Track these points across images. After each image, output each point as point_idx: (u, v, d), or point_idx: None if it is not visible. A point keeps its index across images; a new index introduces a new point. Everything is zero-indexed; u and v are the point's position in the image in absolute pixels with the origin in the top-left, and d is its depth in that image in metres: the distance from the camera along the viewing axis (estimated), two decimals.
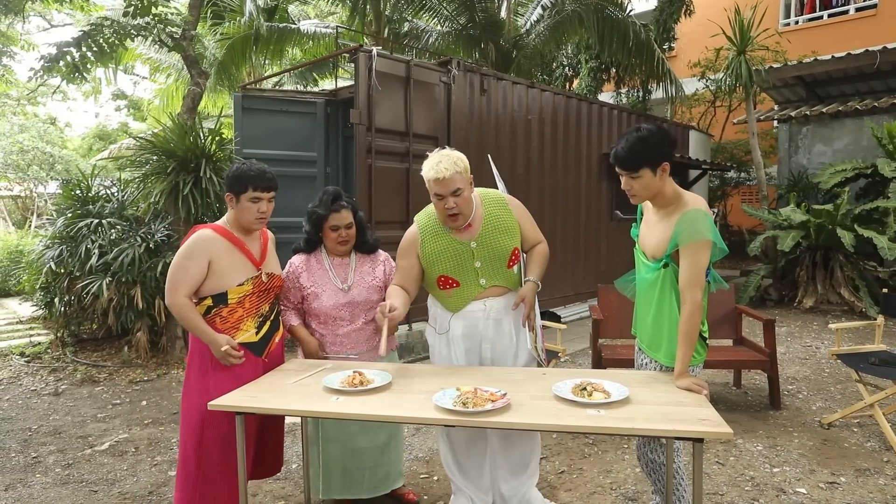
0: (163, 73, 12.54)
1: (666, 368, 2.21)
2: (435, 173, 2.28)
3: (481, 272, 2.43)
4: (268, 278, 2.39)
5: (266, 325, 2.39)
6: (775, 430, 3.69)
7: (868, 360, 3.64)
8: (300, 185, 6.98)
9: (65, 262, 5.57)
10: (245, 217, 2.31)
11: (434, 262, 2.43)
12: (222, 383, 2.22)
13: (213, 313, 2.28)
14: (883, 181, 7.65)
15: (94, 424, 4.05)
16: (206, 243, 2.26)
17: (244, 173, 2.29)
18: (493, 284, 2.45)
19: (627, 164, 2.09)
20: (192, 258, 2.24)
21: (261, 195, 2.30)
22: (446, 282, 2.44)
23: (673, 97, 10.13)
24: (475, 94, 6.34)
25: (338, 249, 2.62)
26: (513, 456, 2.56)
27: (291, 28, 10.30)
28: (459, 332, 2.46)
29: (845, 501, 2.82)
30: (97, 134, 22.55)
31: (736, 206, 11.82)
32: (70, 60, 6.64)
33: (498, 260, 2.43)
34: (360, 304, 2.62)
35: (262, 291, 2.37)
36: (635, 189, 2.13)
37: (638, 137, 2.07)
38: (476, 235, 2.41)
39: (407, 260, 2.47)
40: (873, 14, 12.00)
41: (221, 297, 2.27)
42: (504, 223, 2.45)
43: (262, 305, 2.38)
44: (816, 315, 7.17)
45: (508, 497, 2.58)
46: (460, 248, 2.41)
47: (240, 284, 2.30)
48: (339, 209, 2.56)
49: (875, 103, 8.55)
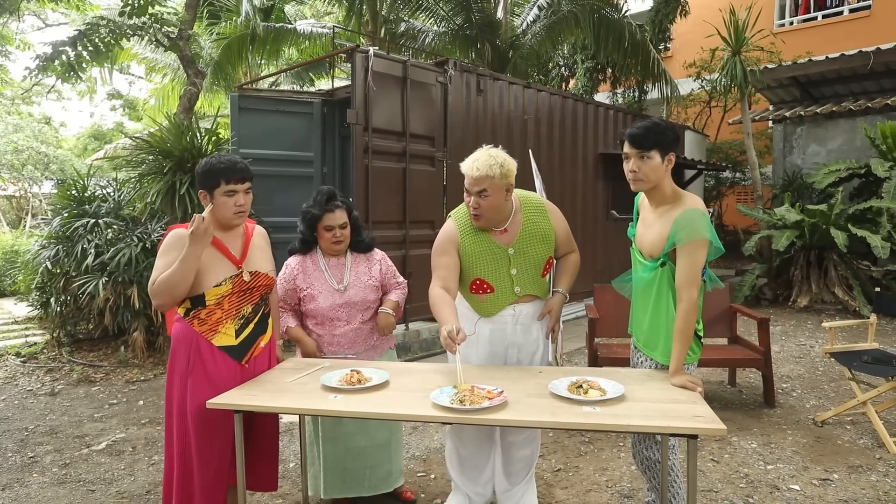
0: (159, 73, 12.52)
1: (661, 366, 2.23)
2: (468, 168, 2.24)
3: (516, 280, 2.38)
4: (251, 277, 2.23)
5: (248, 328, 2.25)
6: (769, 428, 3.72)
7: (861, 359, 3.68)
8: (297, 185, 6.99)
9: (61, 261, 5.56)
10: (223, 213, 2.15)
11: (473, 262, 2.36)
12: (197, 388, 2.13)
13: (190, 315, 2.17)
14: (876, 181, 7.70)
15: (90, 424, 4.05)
16: (182, 239, 2.09)
17: (213, 167, 2.13)
18: (526, 293, 2.41)
19: (643, 141, 2.10)
20: (168, 253, 2.11)
21: (235, 187, 2.14)
22: (481, 286, 2.38)
23: (668, 97, 10.17)
24: (472, 94, 6.36)
25: (332, 249, 2.62)
26: (515, 463, 2.58)
27: (288, 28, 10.30)
28: (486, 336, 2.42)
29: (838, 498, 2.85)
30: (92, 134, 22.48)
31: (731, 205, 11.87)
32: (66, 60, 6.64)
33: (533, 268, 2.39)
34: (356, 305, 2.62)
35: (243, 291, 2.21)
36: (643, 171, 2.12)
37: (653, 122, 2.15)
38: (514, 241, 2.36)
39: (448, 257, 2.34)
40: (867, 15, 12.08)
41: (199, 298, 2.15)
42: (542, 230, 2.40)
43: (244, 306, 2.23)
44: (811, 314, 7.22)
45: (503, 494, 2.61)
46: (498, 252, 2.35)
47: (217, 285, 2.15)
48: (334, 209, 2.55)
49: (868, 104, 8.61)
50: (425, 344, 5.83)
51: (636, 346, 2.40)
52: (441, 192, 6.15)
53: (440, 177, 6.16)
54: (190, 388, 2.14)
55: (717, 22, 9.34)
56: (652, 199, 2.22)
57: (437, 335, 5.78)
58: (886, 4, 11.73)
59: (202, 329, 2.17)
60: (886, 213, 7.12)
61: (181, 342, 2.18)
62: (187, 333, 2.17)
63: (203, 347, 2.17)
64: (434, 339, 5.87)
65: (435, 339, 5.88)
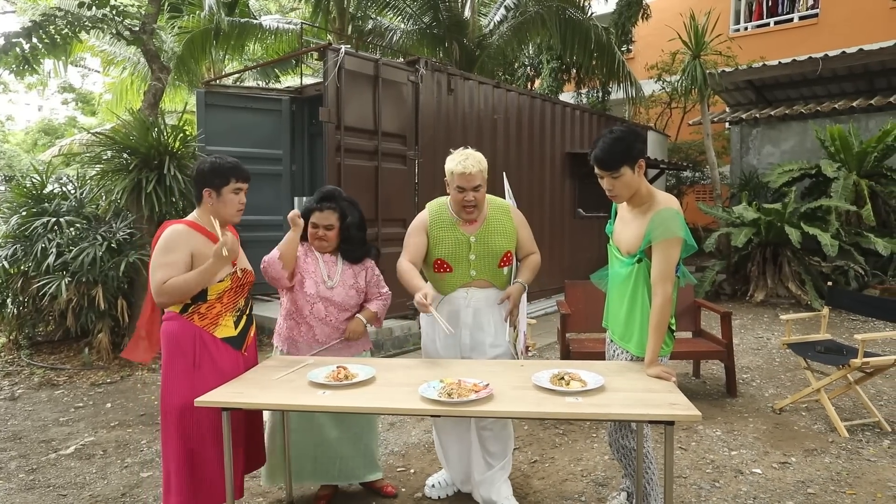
0: (117, 67, 12.08)
1: (636, 358, 2.34)
2: (462, 168, 2.51)
3: (473, 264, 2.64)
4: (242, 274, 2.40)
5: (243, 320, 2.42)
6: (732, 417, 3.91)
7: (815, 349, 3.91)
8: (266, 183, 6.91)
9: (19, 261, 5.36)
10: (228, 210, 2.32)
11: (436, 244, 2.65)
12: (207, 380, 2.21)
13: (190, 310, 2.25)
14: (826, 181, 8.11)
15: (56, 428, 3.94)
16: (184, 236, 2.23)
17: (221, 166, 2.30)
18: (481, 277, 2.66)
19: (608, 164, 2.19)
20: (174, 251, 2.20)
21: (242, 185, 2.34)
22: (442, 265, 2.65)
23: (632, 98, 10.44)
24: (442, 93, 6.41)
25: (314, 244, 2.69)
26: (490, 447, 2.70)
27: (253, 23, 10.12)
28: (444, 316, 2.58)
29: (796, 480, 3.03)
30: (42, 128, 21.58)
31: (691, 204, 12.26)
32: (20, 52, 6.36)
33: (491, 256, 2.65)
34: (337, 304, 2.68)
35: (238, 287, 2.37)
36: (617, 189, 2.23)
37: (613, 138, 2.18)
38: (476, 231, 2.64)
39: (418, 237, 2.67)
40: (815, 23, 12.65)
41: (201, 293, 2.25)
42: (503, 227, 2.68)
43: (239, 300, 2.39)
44: (767, 308, 7.55)
45: (479, 482, 2.72)
46: (461, 238, 2.64)
47: (220, 280, 2.29)
48: (323, 209, 2.64)
49: (818, 108, 9.05)
50: (398, 341, 5.86)
51: (612, 339, 2.50)
52: (413, 191, 6.19)
53: (412, 175, 6.19)
54: (199, 381, 2.21)
55: (678, 26, 9.64)
56: (629, 200, 2.31)
57: (410, 333, 5.88)
58: (833, 13, 12.32)
59: (203, 323, 2.26)
60: (835, 211, 7.51)
61: (182, 339, 2.23)
62: (188, 330, 2.24)
63: (207, 341, 2.27)
64: (406, 336, 5.91)
65: (408, 337, 5.92)
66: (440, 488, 2.87)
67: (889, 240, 7.38)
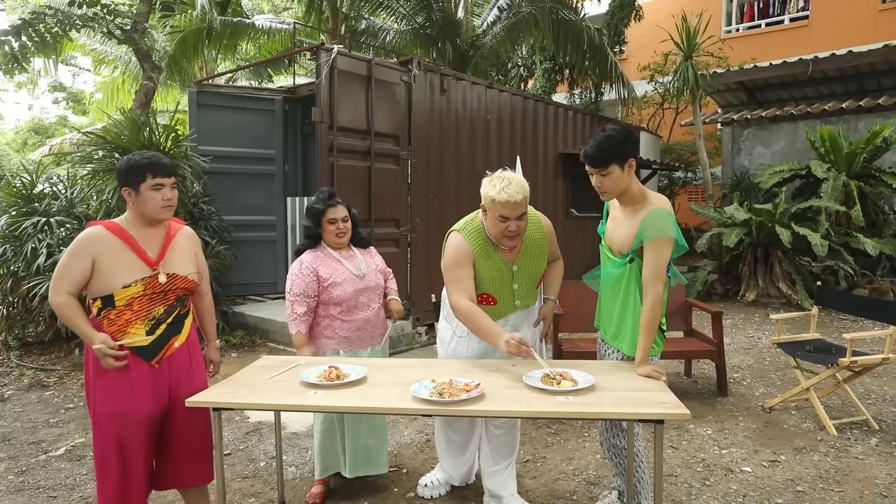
0: (108, 66, 12.01)
1: (628, 358, 2.35)
2: (507, 196, 2.29)
3: (517, 294, 2.55)
4: (167, 279, 2.18)
5: (161, 328, 2.18)
6: (723, 415, 3.94)
7: (804, 348, 3.94)
8: (259, 182, 6.90)
9: (8, 262, 5.32)
10: (150, 207, 2.15)
11: (482, 278, 2.48)
12: (109, 387, 2.11)
13: (102, 315, 2.13)
14: (816, 182, 8.18)
15: (46, 430, 3.91)
16: (90, 242, 2.10)
17: (137, 163, 2.14)
18: (524, 305, 2.60)
19: (598, 160, 2.21)
20: (74, 256, 2.10)
21: (162, 181, 2.15)
22: (486, 299, 2.52)
23: (625, 99, 10.48)
24: (435, 93, 6.41)
25: (336, 242, 2.79)
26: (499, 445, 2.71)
27: (246, 22, 10.08)
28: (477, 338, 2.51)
29: (785, 477, 3.05)
30: (32, 127, 21.42)
31: (683, 204, 12.34)
32: (9, 50, 6.32)
33: (531, 282, 2.58)
34: (373, 289, 2.83)
35: (156, 293, 2.16)
36: (605, 185, 2.25)
37: (605, 136, 2.21)
38: (517, 258, 2.52)
39: (466, 270, 2.44)
40: (805, 25, 12.76)
41: (108, 298, 2.11)
42: (539, 246, 2.56)
43: (156, 308, 2.17)
44: (758, 307, 7.61)
45: (487, 473, 2.73)
46: (504, 269, 2.50)
47: (125, 286, 2.11)
48: (335, 204, 2.78)
49: (808, 109, 9.13)
50: (391, 342, 5.82)
51: (603, 338, 2.51)
52: (406, 191, 6.19)
53: (405, 175, 6.19)
54: (100, 390, 2.11)
55: (670, 27, 9.69)
56: (621, 199, 2.33)
57: (403, 333, 5.88)
58: (823, 15, 12.43)
59: (111, 330, 2.12)
60: (825, 212, 7.57)
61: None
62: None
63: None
64: (399, 336, 5.91)
65: (401, 337, 5.92)
66: (432, 488, 2.87)
67: (878, 240, 7.46)
